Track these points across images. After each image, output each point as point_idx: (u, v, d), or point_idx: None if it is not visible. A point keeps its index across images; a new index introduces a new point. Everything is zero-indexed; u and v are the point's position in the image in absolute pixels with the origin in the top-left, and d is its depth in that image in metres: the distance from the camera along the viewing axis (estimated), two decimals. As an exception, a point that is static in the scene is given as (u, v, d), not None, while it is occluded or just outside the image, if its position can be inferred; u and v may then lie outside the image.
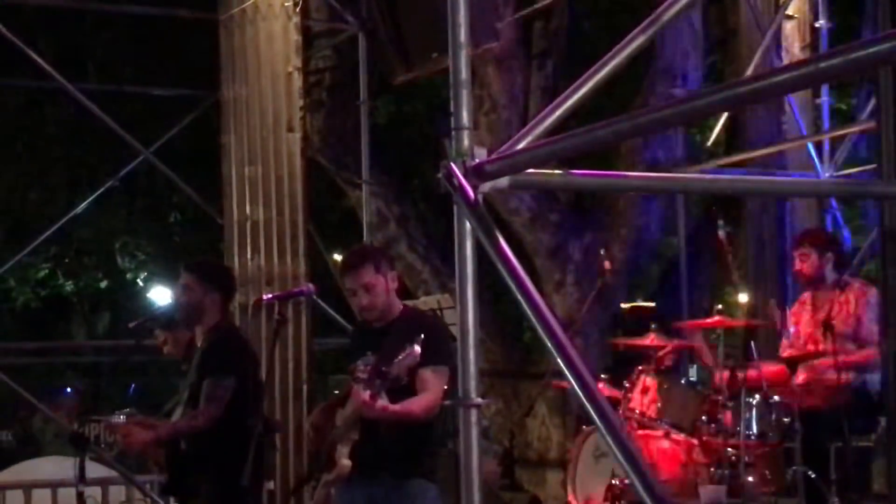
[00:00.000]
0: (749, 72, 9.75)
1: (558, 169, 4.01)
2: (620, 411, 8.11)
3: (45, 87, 12.67)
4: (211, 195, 10.87)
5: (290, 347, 9.23)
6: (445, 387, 5.84)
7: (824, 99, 11.36)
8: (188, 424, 6.92)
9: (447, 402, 5.75)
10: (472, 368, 3.71)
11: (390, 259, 6.35)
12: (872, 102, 9.56)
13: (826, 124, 11.41)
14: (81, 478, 7.24)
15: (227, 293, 7.22)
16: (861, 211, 14.19)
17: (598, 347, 11.85)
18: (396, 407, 5.74)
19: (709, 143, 11.34)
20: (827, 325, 7.74)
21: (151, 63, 16.05)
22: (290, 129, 9.67)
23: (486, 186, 3.59)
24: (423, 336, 5.65)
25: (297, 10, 9.85)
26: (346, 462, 5.90)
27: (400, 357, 5.58)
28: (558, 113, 3.60)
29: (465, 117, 3.63)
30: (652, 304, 10.57)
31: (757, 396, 7.72)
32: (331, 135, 12.62)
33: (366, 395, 5.64)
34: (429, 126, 15.83)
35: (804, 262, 8.16)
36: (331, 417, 6.18)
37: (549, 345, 3.38)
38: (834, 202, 11.23)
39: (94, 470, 9.26)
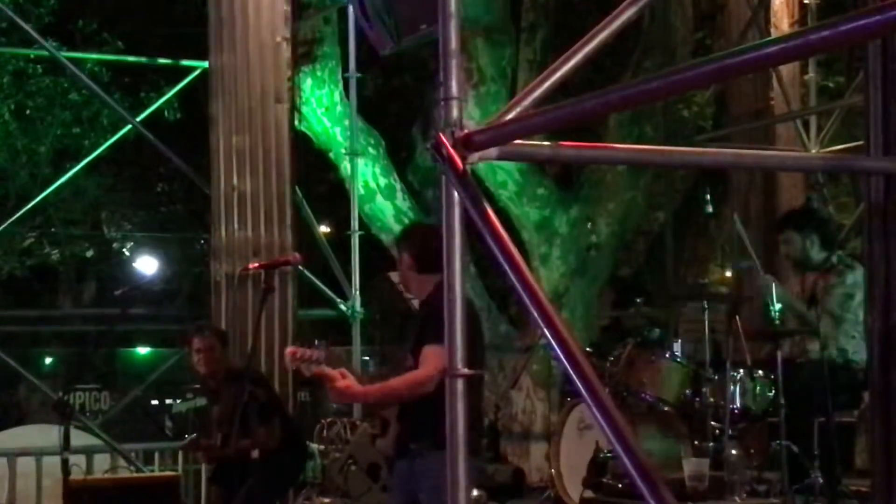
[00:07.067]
0: (737, 47, 9.75)
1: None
2: (606, 384, 8.12)
3: (34, 56, 12.60)
4: (198, 165, 10.83)
5: (276, 317, 9.24)
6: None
7: (812, 76, 11.37)
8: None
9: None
10: (459, 339, 3.71)
11: None
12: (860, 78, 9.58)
13: (813, 100, 11.44)
14: (66, 446, 7.26)
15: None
16: (847, 188, 14.23)
17: (583, 321, 11.90)
18: (370, 388, 5.89)
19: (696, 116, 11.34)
20: (812, 303, 7.74)
21: (140, 32, 16.01)
22: (278, 100, 9.66)
23: (475, 157, 3.58)
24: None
25: (286, -20, 9.82)
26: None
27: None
28: (547, 85, 3.59)
29: (455, 87, 3.62)
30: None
31: (741, 371, 7.74)
32: (319, 106, 12.61)
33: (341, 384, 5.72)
34: (417, 98, 15.82)
35: (788, 246, 8.11)
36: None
37: (537, 317, 3.38)
38: (820, 179, 11.25)
39: (79, 438, 9.28)
